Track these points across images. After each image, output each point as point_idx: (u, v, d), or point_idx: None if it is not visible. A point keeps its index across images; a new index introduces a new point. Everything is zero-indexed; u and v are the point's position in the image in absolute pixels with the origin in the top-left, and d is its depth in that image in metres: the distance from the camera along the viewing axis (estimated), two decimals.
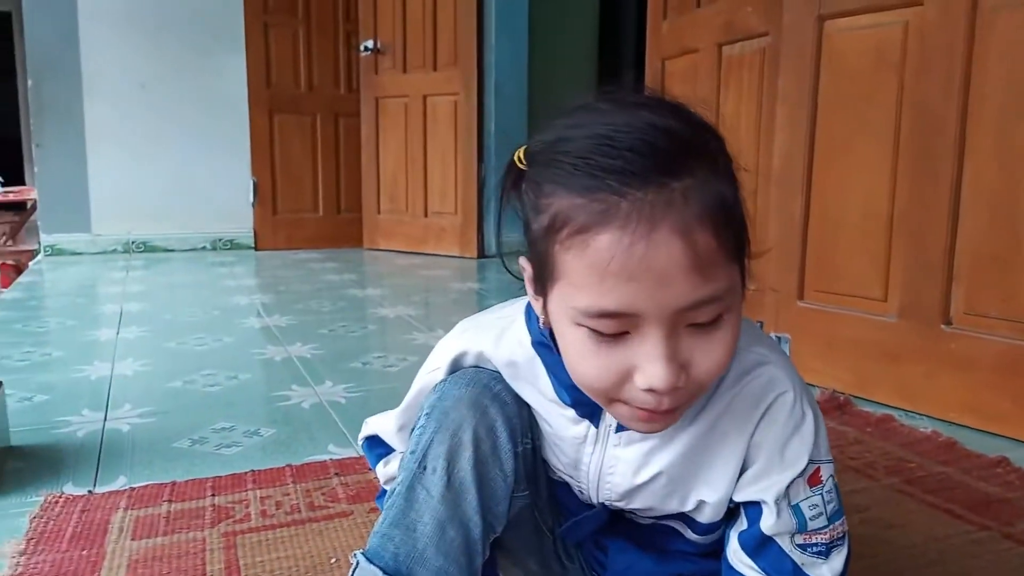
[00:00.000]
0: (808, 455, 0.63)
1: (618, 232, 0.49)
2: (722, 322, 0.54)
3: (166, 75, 4.09)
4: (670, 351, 0.52)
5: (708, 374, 0.55)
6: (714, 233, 0.51)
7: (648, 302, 0.50)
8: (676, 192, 0.50)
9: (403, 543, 0.63)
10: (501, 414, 0.66)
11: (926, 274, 1.57)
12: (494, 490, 0.65)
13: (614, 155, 0.50)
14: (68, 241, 4.00)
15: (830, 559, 0.64)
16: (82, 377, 1.87)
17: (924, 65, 1.54)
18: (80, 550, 1.05)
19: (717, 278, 0.51)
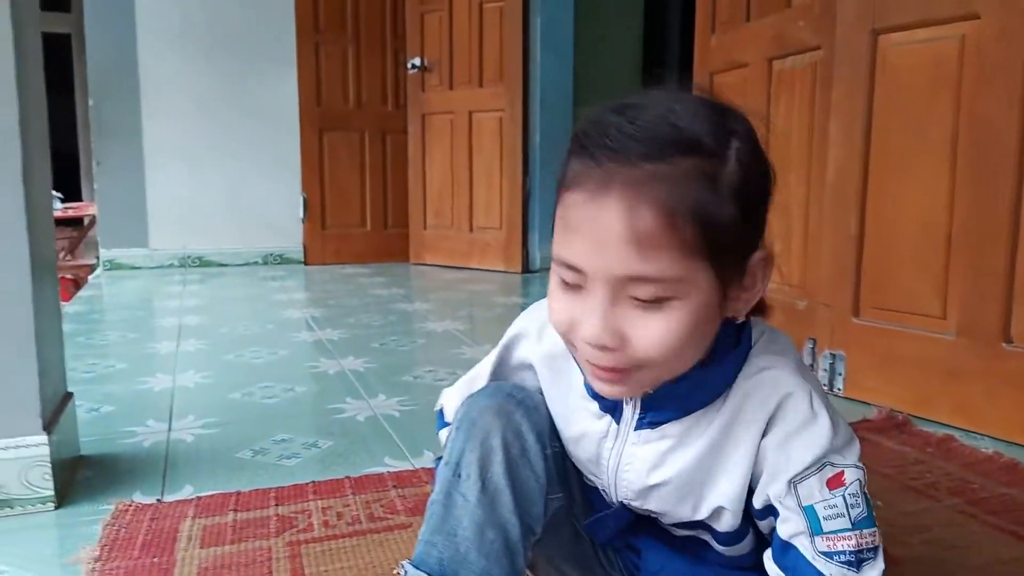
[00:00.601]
0: (816, 454, 0.62)
1: (582, 192, 0.57)
2: (666, 307, 0.57)
3: (221, 93, 4.21)
4: (604, 312, 0.57)
5: (644, 351, 0.57)
6: (665, 220, 0.54)
7: (588, 260, 0.57)
8: (644, 173, 0.55)
9: (446, 548, 0.66)
10: (527, 419, 0.69)
11: (986, 291, 1.54)
12: (528, 492, 0.68)
13: (614, 136, 0.56)
14: (126, 256, 4.13)
15: (861, 570, 0.61)
16: (146, 389, 1.93)
17: (982, 79, 1.52)
18: (151, 557, 1.08)
19: (658, 261, 0.55)
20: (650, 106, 0.58)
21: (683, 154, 0.56)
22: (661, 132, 0.56)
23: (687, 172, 0.55)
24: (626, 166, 0.55)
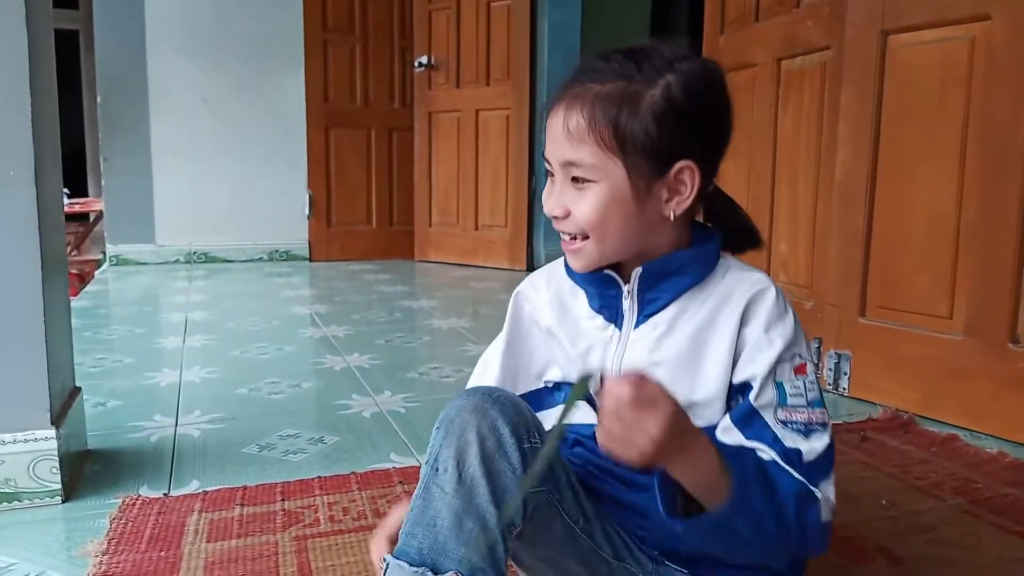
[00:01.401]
0: (789, 339, 0.76)
1: (552, 102, 0.78)
2: (589, 187, 0.76)
3: (228, 91, 4.22)
4: (554, 191, 0.78)
5: (579, 215, 0.76)
6: (588, 121, 0.73)
7: (550, 151, 0.77)
8: (583, 89, 0.75)
9: (425, 538, 0.69)
10: (502, 414, 0.72)
11: (993, 292, 1.54)
12: (505, 483, 0.70)
13: (581, 68, 0.77)
14: (132, 251, 4.14)
15: (809, 439, 0.74)
16: (153, 384, 1.93)
17: (992, 80, 1.52)
18: (159, 551, 1.09)
19: (582, 151, 0.74)
20: (615, 50, 0.77)
21: (617, 78, 0.74)
22: (602, 66, 0.75)
23: (614, 90, 0.74)
24: (575, 85, 0.76)
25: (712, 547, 0.74)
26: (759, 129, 2.26)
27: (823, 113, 1.98)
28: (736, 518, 0.69)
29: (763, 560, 0.77)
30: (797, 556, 0.78)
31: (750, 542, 0.71)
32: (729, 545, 0.73)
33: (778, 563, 0.77)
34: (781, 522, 0.70)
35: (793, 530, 0.71)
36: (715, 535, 0.71)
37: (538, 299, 0.90)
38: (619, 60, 0.75)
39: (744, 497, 0.68)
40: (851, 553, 1.08)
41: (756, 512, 0.69)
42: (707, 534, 0.70)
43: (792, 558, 0.78)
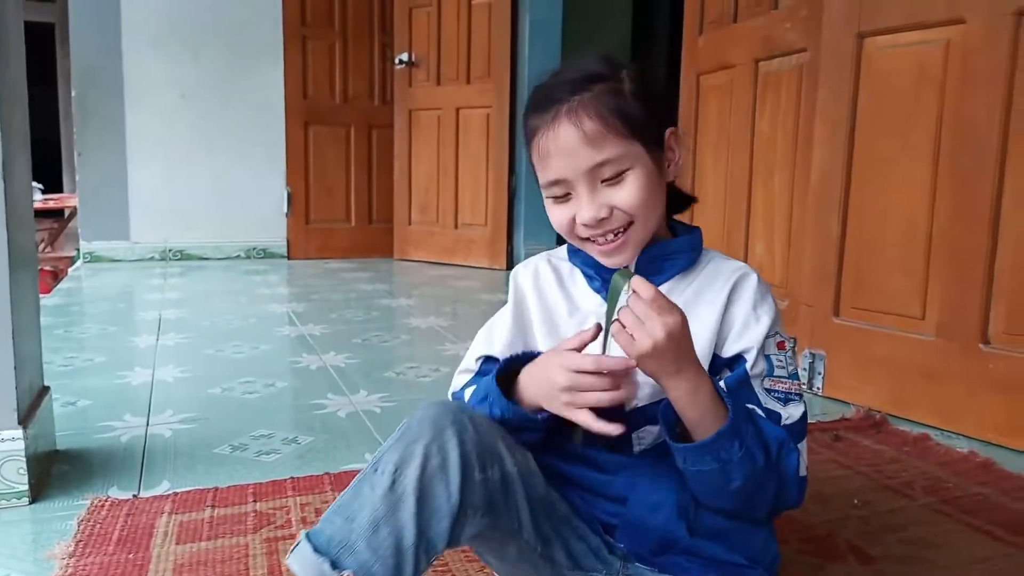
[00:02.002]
0: (773, 317, 0.83)
1: (541, 131, 0.80)
2: (626, 176, 0.80)
3: (205, 86, 4.18)
4: (591, 197, 0.80)
5: (627, 204, 0.80)
6: (599, 121, 0.78)
7: (565, 168, 0.79)
8: (574, 102, 0.79)
9: (339, 530, 0.69)
10: (457, 438, 0.71)
11: (965, 293, 1.55)
12: (436, 506, 0.69)
13: (546, 91, 0.82)
14: (107, 248, 4.09)
15: (788, 406, 0.81)
16: (124, 383, 1.91)
17: (966, 83, 1.54)
18: (127, 553, 1.07)
19: (607, 148, 0.78)
20: (566, 68, 0.84)
21: (594, 83, 0.80)
22: (576, 76, 0.81)
23: (601, 91, 0.79)
24: (562, 103, 0.79)
25: (706, 483, 0.78)
26: (737, 130, 2.27)
27: (800, 115, 1.99)
28: (731, 444, 0.74)
29: (748, 508, 0.80)
30: (775, 508, 0.82)
31: (741, 474, 0.75)
32: (722, 479, 0.76)
33: (760, 513, 0.82)
34: (768, 460, 0.76)
35: (774, 473, 0.77)
36: (712, 462, 0.75)
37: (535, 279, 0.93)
38: (580, 71, 0.81)
39: (737, 427, 0.74)
40: (823, 552, 1.09)
41: (747, 443, 0.75)
42: (703, 461, 0.75)
43: (770, 510, 0.82)
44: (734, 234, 2.28)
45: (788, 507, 0.82)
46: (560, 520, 0.81)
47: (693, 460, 0.76)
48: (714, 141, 2.41)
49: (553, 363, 0.78)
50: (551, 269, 0.93)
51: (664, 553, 0.83)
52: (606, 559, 0.82)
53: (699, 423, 0.75)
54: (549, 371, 0.78)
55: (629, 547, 0.84)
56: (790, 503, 0.81)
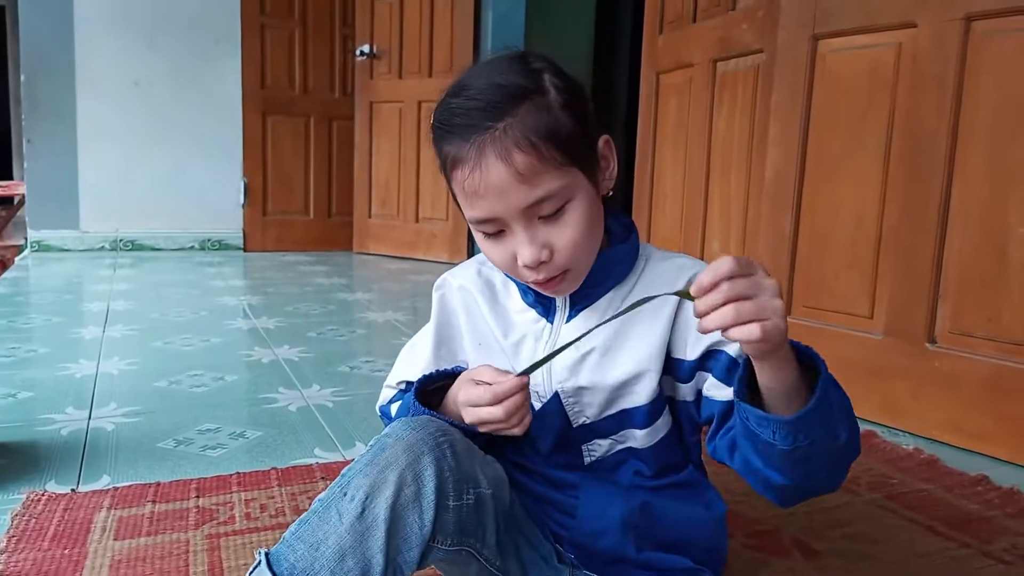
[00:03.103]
0: None
1: (465, 166, 0.71)
2: (566, 210, 0.73)
3: (160, 74, 4.08)
4: (530, 238, 0.72)
5: (567, 247, 0.73)
6: (532, 152, 0.69)
7: (499, 208, 0.71)
8: (499, 130, 0.69)
9: (302, 558, 0.65)
10: (435, 465, 0.68)
11: (912, 292, 1.58)
12: (407, 535, 0.66)
13: (462, 116, 0.71)
14: (55, 237, 3.98)
15: None
16: (67, 375, 1.85)
17: (917, 86, 1.56)
18: (62, 549, 1.04)
19: (544, 183, 0.70)
20: (475, 79, 0.73)
21: (516, 103, 0.70)
22: (494, 96, 0.71)
23: (525, 113, 0.70)
24: (485, 132, 0.70)
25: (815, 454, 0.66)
26: (694, 129, 2.28)
27: (755, 114, 2.01)
28: (832, 404, 0.65)
29: (845, 465, 0.71)
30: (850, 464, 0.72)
31: (844, 424, 0.67)
32: (830, 439, 0.66)
33: (844, 471, 0.72)
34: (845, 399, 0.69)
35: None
36: (818, 429, 0.65)
37: (465, 296, 0.88)
38: (497, 86, 0.71)
39: (831, 382, 0.66)
40: (768, 547, 1.10)
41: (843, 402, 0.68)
42: (816, 426, 0.65)
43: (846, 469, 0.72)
44: (691, 231, 2.30)
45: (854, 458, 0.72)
46: (516, 529, 0.80)
47: (806, 432, 0.64)
48: (672, 139, 2.42)
49: (460, 392, 0.76)
50: (483, 284, 0.87)
51: (612, 566, 0.83)
52: (556, 567, 0.82)
53: (786, 391, 0.65)
54: (456, 396, 0.77)
55: (578, 559, 0.83)
56: (858, 450, 0.71)
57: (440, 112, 0.74)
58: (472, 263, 0.91)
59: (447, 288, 0.90)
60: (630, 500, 0.81)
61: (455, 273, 0.91)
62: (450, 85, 0.75)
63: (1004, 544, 1.13)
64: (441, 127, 0.74)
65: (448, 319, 0.89)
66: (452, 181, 0.74)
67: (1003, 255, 1.45)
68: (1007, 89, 1.44)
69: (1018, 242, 1.43)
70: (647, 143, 2.55)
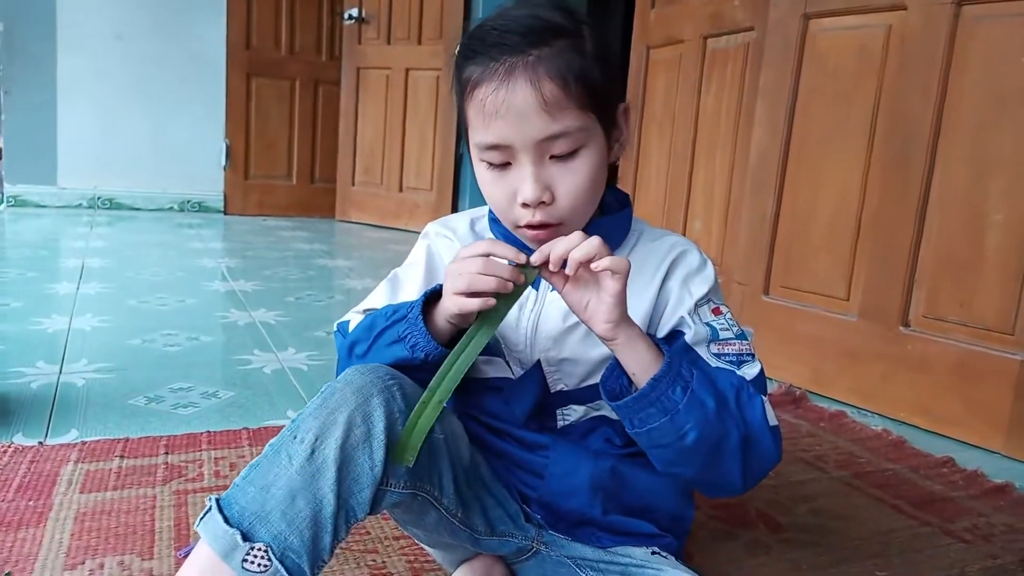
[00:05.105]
0: (709, 287, 0.80)
1: (489, 84, 0.70)
2: (578, 155, 0.72)
3: (144, 29, 4.00)
4: (536, 173, 0.71)
5: (568, 195, 0.72)
6: (561, 85, 0.69)
7: (513, 134, 0.70)
8: (532, 56, 0.70)
9: (253, 501, 0.64)
10: (384, 407, 0.67)
11: (889, 276, 1.59)
12: (357, 476, 0.66)
13: (496, 36, 0.71)
14: (32, 193, 3.91)
15: (742, 368, 0.77)
16: (39, 329, 1.83)
17: (904, 69, 1.56)
18: (27, 500, 1.03)
19: (565, 119, 0.70)
20: (516, 10, 0.73)
21: (555, 37, 0.71)
22: (534, 24, 0.71)
23: (562, 48, 0.70)
24: (518, 55, 0.70)
25: (661, 444, 0.71)
26: (682, 106, 2.28)
27: (743, 93, 2.00)
28: (671, 388, 0.69)
29: (717, 469, 0.72)
30: (752, 465, 0.73)
31: (693, 423, 0.69)
32: (674, 433, 0.69)
33: (734, 476, 0.73)
34: (722, 406, 0.70)
35: (734, 421, 0.71)
36: (657, 414, 0.69)
37: (454, 248, 0.85)
38: (538, 19, 0.71)
39: (676, 370, 0.70)
40: (733, 519, 1.11)
41: (693, 387, 0.69)
42: (649, 416, 0.69)
43: (746, 468, 0.73)
44: (674, 210, 2.30)
45: (767, 463, 0.75)
46: (480, 485, 0.80)
47: (639, 419, 0.70)
48: (660, 116, 2.41)
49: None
50: (473, 238, 0.86)
51: (578, 527, 0.83)
52: (523, 526, 0.83)
53: (642, 379, 0.70)
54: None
55: (545, 520, 0.84)
56: (767, 457, 0.74)
57: (473, 31, 0.74)
58: (465, 215, 0.89)
59: (436, 239, 0.88)
60: (599, 463, 0.82)
61: (444, 223, 0.89)
62: (485, 17, 0.76)
63: (966, 524, 1.15)
64: (471, 45, 0.73)
65: (436, 267, 0.86)
66: (470, 101, 0.73)
67: (979, 242, 1.46)
68: (993, 75, 1.44)
69: (994, 229, 1.44)
70: (634, 120, 2.54)
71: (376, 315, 0.79)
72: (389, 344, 0.75)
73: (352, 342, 0.80)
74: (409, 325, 0.73)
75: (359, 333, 0.79)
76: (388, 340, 0.75)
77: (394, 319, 0.75)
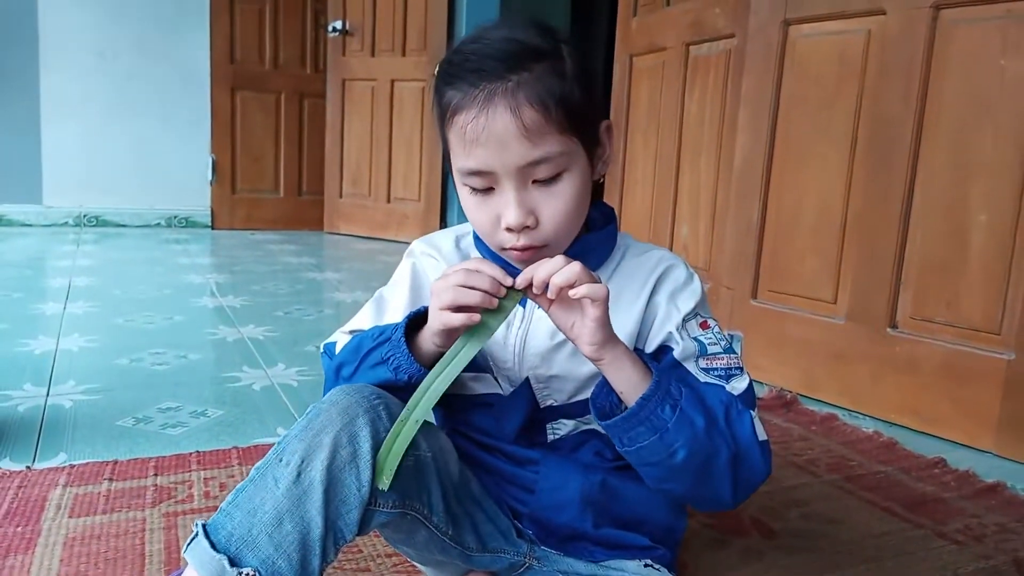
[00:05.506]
0: (696, 301, 0.80)
1: (469, 111, 0.70)
2: (561, 179, 0.72)
3: (127, 46, 3.99)
4: (519, 199, 0.71)
5: (552, 219, 0.73)
6: (541, 111, 0.69)
7: (495, 161, 0.70)
8: (512, 82, 0.69)
9: (240, 525, 0.64)
10: (370, 426, 0.67)
11: (875, 278, 1.60)
12: (345, 497, 0.66)
13: (476, 62, 0.71)
14: (17, 212, 3.89)
15: (730, 382, 0.77)
16: (26, 351, 1.82)
17: (884, 73, 1.57)
18: (15, 526, 1.02)
19: (547, 144, 0.70)
20: (493, 32, 0.73)
21: (534, 60, 0.70)
22: (512, 48, 0.71)
23: (542, 73, 0.70)
24: (497, 81, 0.69)
25: (651, 463, 0.72)
26: (666, 114, 2.28)
27: (726, 99, 2.01)
28: (660, 407, 0.69)
29: (707, 486, 0.73)
30: (741, 481, 0.73)
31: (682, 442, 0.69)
32: (663, 452, 0.70)
33: (725, 492, 0.73)
34: (711, 424, 0.71)
35: (724, 439, 0.71)
36: (646, 433, 0.69)
37: (439, 267, 0.85)
38: (516, 42, 0.71)
39: (665, 389, 0.70)
40: (726, 526, 1.11)
41: (681, 405, 0.69)
42: (638, 434, 0.70)
43: (736, 485, 0.73)
44: (660, 216, 2.31)
45: (756, 478, 0.75)
46: (471, 502, 0.80)
47: (629, 438, 0.70)
48: (644, 124, 2.42)
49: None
50: (459, 256, 0.85)
51: (570, 542, 0.83)
52: (514, 541, 0.82)
53: (631, 397, 0.70)
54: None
55: (536, 535, 0.84)
56: (756, 472, 0.74)
57: (451, 56, 0.73)
58: (450, 233, 0.89)
59: (420, 258, 0.87)
60: (589, 477, 0.82)
61: (428, 241, 0.89)
62: (463, 39, 0.75)
63: (958, 525, 1.15)
64: (450, 70, 0.72)
65: (420, 285, 0.86)
66: (450, 127, 0.72)
67: (964, 242, 1.47)
68: (972, 78, 1.45)
69: (979, 229, 1.45)
70: (619, 128, 2.55)
71: (363, 336, 0.79)
72: (373, 366, 0.75)
73: (339, 364, 0.80)
74: (392, 347, 0.73)
75: (346, 355, 0.79)
76: (372, 362, 0.75)
77: (379, 340, 0.75)
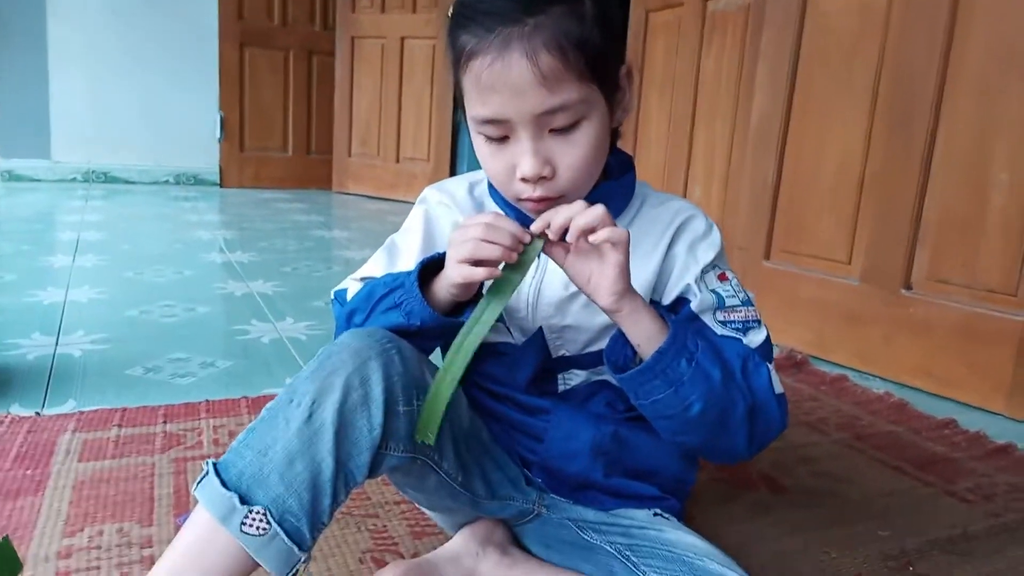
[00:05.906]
0: (715, 253, 0.78)
1: (484, 57, 0.67)
2: (579, 127, 0.69)
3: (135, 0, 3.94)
4: (535, 148, 0.69)
5: (569, 169, 0.70)
6: (559, 56, 0.66)
7: (510, 109, 0.67)
8: (528, 26, 0.66)
9: (251, 464, 0.63)
10: (382, 369, 0.66)
11: (891, 238, 1.58)
12: (356, 439, 0.65)
13: (490, 3, 0.67)
14: (26, 167, 3.88)
15: (747, 335, 0.76)
16: (35, 302, 1.82)
17: (907, 28, 1.53)
18: (25, 469, 1.02)
19: (564, 91, 0.67)
20: None
21: (550, 2, 0.67)
22: None
23: (559, 15, 0.66)
24: (513, 25, 0.66)
25: (666, 415, 0.71)
26: (682, 70, 2.24)
27: (744, 57, 1.97)
28: (676, 361, 0.68)
29: (723, 438, 0.72)
30: (757, 433, 0.72)
31: (698, 395, 0.68)
32: (678, 405, 0.69)
33: (740, 444, 0.72)
34: (728, 376, 0.69)
35: (740, 392, 0.70)
36: (662, 386, 0.68)
37: (453, 214, 0.83)
38: None
39: (681, 342, 0.68)
40: (735, 480, 1.10)
41: (697, 358, 0.68)
42: (653, 387, 0.69)
43: (752, 437, 0.72)
44: (674, 176, 2.28)
45: (773, 430, 0.74)
46: (481, 450, 0.80)
47: (644, 391, 0.69)
48: (660, 81, 2.37)
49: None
50: (472, 204, 0.84)
51: (580, 491, 0.83)
52: (524, 490, 0.82)
53: (647, 350, 0.69)
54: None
55: (546, 483, 0.83)
56: (773, 425, 0.73)
57: (463, 3, 0.70)
58: (463, 180, 0.86)
59: (434, 205, 0.85)
60: (601, 428, 0.81)
61: (441, 188, 0.86)
62: None
63: (968, 484, 1.15)
64: (463, 13, 0.69)
65: (434, 233, 0.84)
66: (464, 73, 0.69)
67: (983, 202, 1.44)
68: (999, 32, 1.41)
69: (999, 189, 1.42)
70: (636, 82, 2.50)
71: (375, 283, 0.77)
72: (385, 311, 0.74)
73: (351, 310, 0.79)
74: (405, 292, 0.72)
75: (358, 302, 0.78)
76: (385, 307, 0.74)
77: (392, 286, 0.74)
